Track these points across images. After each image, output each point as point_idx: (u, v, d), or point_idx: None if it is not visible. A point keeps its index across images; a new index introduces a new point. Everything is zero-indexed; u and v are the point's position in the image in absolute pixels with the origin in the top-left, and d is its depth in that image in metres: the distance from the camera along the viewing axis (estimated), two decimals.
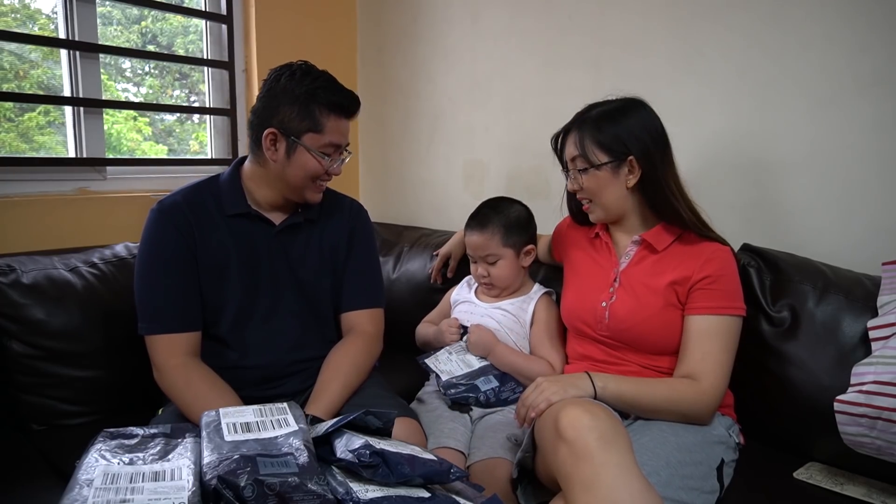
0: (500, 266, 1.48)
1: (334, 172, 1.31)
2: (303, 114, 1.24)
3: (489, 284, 1.51)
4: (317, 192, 1.32)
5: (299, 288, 1.35)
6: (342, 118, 1.28)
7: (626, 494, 0.91)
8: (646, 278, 1.28)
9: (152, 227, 1.28)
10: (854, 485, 1.16)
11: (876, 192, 1.38)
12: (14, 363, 1.37)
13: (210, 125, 2.17)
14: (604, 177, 1.27)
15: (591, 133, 1.26)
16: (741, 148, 1.56)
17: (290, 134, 1.24)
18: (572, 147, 1.29)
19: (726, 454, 1.16)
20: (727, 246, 1.28)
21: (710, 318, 1.21)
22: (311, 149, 1.25)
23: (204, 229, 1.28)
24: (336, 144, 1.27)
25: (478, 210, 1.53)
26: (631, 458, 0.97)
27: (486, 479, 1.20)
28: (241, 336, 1.31)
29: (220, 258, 1.29)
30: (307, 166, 1.26)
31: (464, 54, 2.13)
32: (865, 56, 1.37)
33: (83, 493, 0.74)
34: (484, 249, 1.48)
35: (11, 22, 1.80)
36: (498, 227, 1.47)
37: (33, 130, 1.84)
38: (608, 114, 1.27)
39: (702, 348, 1.20)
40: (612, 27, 1.76)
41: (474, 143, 2.14)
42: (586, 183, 1.29)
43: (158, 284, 1.25)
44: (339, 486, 0.81)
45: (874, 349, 1.15)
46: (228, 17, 2.09)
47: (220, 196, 1.32)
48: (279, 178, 1.29)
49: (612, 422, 1.00)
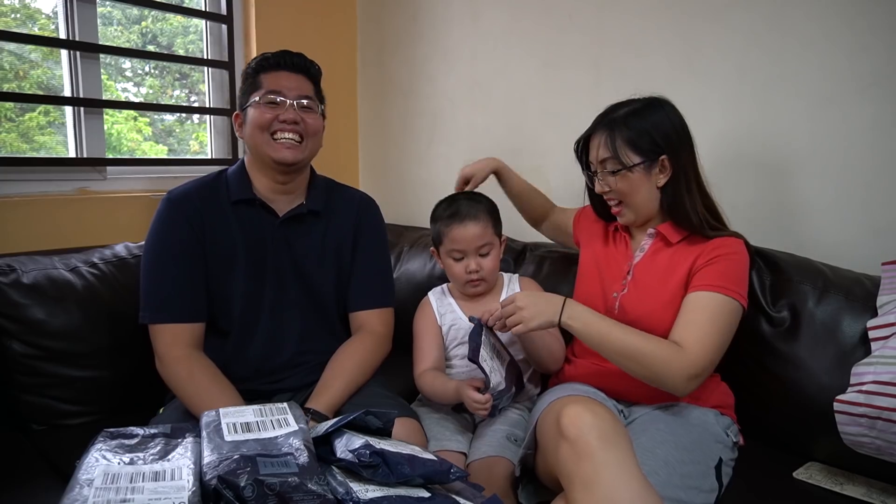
0: (492, 257, 1.41)
1: (287, 118, 1.28)
2: (246, 84, 1.33)
3: (480, 280, 1.41)
4: (284, 148, 1.29)
5: (303, 281, 1.36)
6: (280, 72, 1.31)
7: (626, 493, 0.92)
8: (659, 272, 1.27)
9: (162, 216, 1.29)
10: (854, 485, 1.16)
11: (876, 192, 1.38)
12: (14, 363, 1.37)
13: (210, 125, 2.17)
14: (636, 178, 1.24)
15: (623, 133, 1.23)
16: (741, 148, 1.56)
17: (242, 105, 1.33)
18: (603, 149, 1.25)
19: (724, 453, 1.16)
20: (741, 238, 1.26)
21: (701, 293, 1.18)
22: (254, 104, 1.29)
23: (213, 219, 1.30)
24: (274, 91, 1.28)
25: (452, 205, 1.41)
26: (632, 457, 0.97)
27: (485, 478, 1.20)
28: (247, 328, 1.32)
29: (228, 248, 1.30)
30: (254, 120, 1.29)
31: (464, 54, 2.13)
32: (865, 56, 1.37)
33: (83, 493, 0.74)
34: (481, 239, 1.38)
35: (11, 22, 1.80)
36: (486, 215, 1.40)
37: (34, 130, 1.84)
38: (637, 113, 1.25)
39: (686, 317, 1.18)
40: (612, 27, 1.76)
41: (474, 143, 2.14)
42: (618, 185, 1.26)
43: (165, 274, 1.26)
44: (339, 486, 0.81)
45: (874, 349, 1.15)
46: (228, 17, 2.09)
47: (227, 186, 1.34)
48: (252, 150, 1.32)
49: (613, 420, 1.01)
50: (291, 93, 1.29)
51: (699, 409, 1.23)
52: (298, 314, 1.36)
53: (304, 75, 1.34)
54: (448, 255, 1.42)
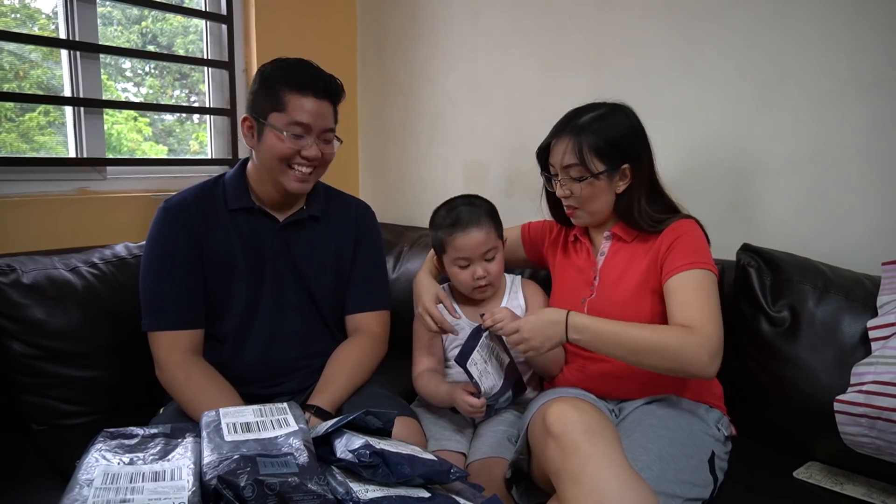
0: (497, 260, 1.40)
1: (309, 155, 1.25)
2: (267, 93, 1.24)
3: (487, 285, 1.40)
4: (297, 181, 1.26)
5: (302, 285, 1.36)
6: (308, 97, 1.23)
7: (614, 485, 0.93)
8: (622, 267, 1.29)
9: (159, 224, 1.28)
10: (854, 484, 1.16)
11: (876, 192, 1.38)
12: (14, 363, 1.37)
13: (210, 125, 2.17)
14: (600, 185, 1.26)
15: (590, 140, 1.23)
16: (741, 148, 1.56)
17: (258, 115, 1.25)
18: (569, 155, 1.25)
19: (716, 447, 1.16)
20: (689, 217, 1.27)
21: (682, 274, 1.19)
22: (275, 127, 1.23)
23: (210, 226, 1.29)
24: (301, 123, 1.23)
25: (452, 212, 1.39)
26: (618, 449, 0.98)
27: (484, 479, 1.20)
28: (246, 332, 1.32)
29: (226, 254, 1.30)
30: (274, 147, 1.24)
31: (464, 54, 2.13)
32: (865, 56, 1.37)
33: (83, 493, 0.74)
34: (485, 245, 1.37)
35: (11, 22, 1.80)
36: (488, 219, 1.39)
37: (34, 130, 1.84)
38: (602, 119, 1.25)
39: (680, 300, 1.17)
40: (611, 28, 1.76)
41: (474, 143, 2.14)
42: (582, 192, 1.26)
43: (163, 281, 1.26)
44: (339, 486, 0.81)
45: (874, 349, 1.15)
46: (228, 17, 2.09)
47: (225, 193, 1.33)
48: (262, 167, 1.29)
49: (598, 415, 1.02)
50: (317, 125, 1.24)
51: (689, 402, 1.24)
52: (298, 318, 1.36)
53: (330, 101, 1.28)
54: (453, 263, 1.40)
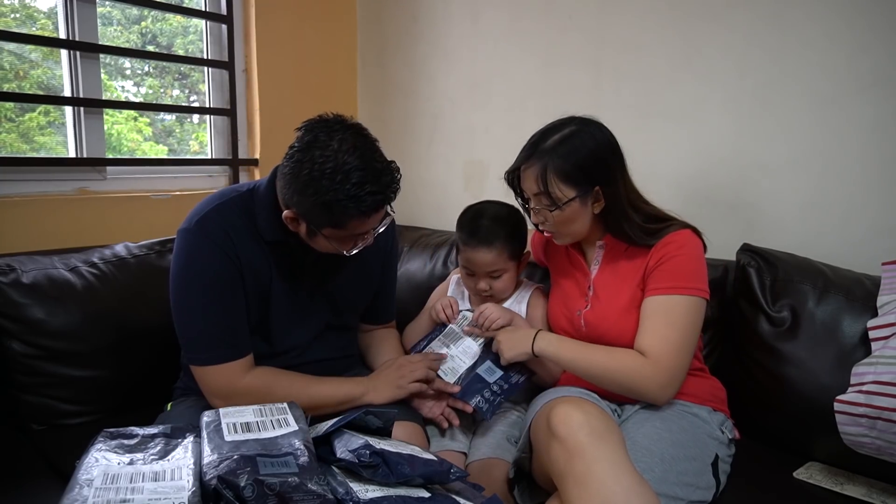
0: (504, 279, 1.41)
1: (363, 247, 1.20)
2: (326, 213, 1.11)
3: (489, 297, 1.44)
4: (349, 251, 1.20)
5: (334, 308, 1.34)
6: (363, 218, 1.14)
7: (619, 488, 0.92)
8: (616, 280, 1.28)
9: (197, 251, 1.16)
10: (854, 485, 1.16)
11: (876, 192, 1.38)
12: (14, 363, 1.37)
13: (210, 125, 2.17)
14: (572, 210, 1.22)
15: (555, 165, 1.19)
16: (741, 148, 1.56)
17: (311, 223, 1.14)
18: (533, 183, 1.22)
19: (720, 450, 1.16)
20: (688, 228, 1.24)
21: (656, 297, 1.19)
22: (330, 239, 1.15)
23: (245, 252, 1.19)
24: (359, 235, 1.17)
25: (474, 223, 1.40)
26: (623, 453, 0.98)
27: (484, 479, 1.20)
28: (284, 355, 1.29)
29: (263, 280, 1.22)
30: (328, 248, 1.18)
31: (464, 54, 2.13)
32: (865, 56, 1.37)
33: (83, 493, 0.74)
34: (492, 266, 1.38)
35: (11, 22, 1.80)
36: (505, 243, 1.37)
37: (33, 130, 1.84)
38: (566, 141, 1.20)
39: (645, 324, 1.19)
40: (612, 27, 1.76)
41: (474, 143, 2.14)
42: (556, 219, 1.23)
43: (213, 311, 1.17)
44: (339, 486, 0.81)
45: (874, 349, 1.15)
46: (228, 18, 2.09)
47: (254, 217, 1.21)
48: None
49: (604, 418, 1.02)
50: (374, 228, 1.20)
51: (692, 405, 1.23)
52: (325, 343, 1.35)
53: None
54: (462, 266, 1.46)
